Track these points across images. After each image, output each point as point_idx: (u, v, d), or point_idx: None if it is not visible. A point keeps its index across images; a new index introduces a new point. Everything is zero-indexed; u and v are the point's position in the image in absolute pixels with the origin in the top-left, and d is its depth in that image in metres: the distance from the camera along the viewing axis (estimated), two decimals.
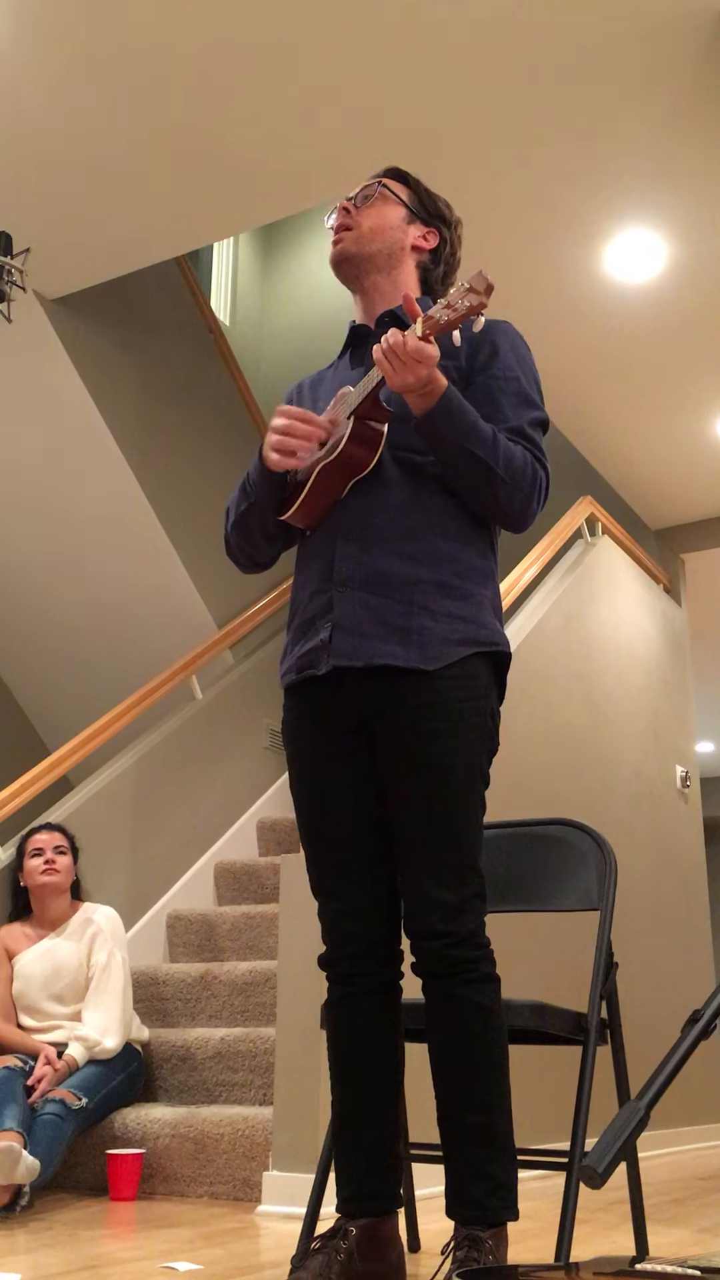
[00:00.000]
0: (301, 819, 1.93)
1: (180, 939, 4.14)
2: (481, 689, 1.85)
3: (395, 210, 2.04)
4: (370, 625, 1.83)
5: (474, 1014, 1.76)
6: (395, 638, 1.82)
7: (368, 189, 2.06)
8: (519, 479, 1.84)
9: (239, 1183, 2.93)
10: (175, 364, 5.18)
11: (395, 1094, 1.88)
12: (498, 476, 1.83)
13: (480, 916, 1.79)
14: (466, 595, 1.87)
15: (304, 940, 2.94)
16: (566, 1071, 3.67)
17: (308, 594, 1.93)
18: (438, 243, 2.07)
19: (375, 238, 2.02)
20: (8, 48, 3.29)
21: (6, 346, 4.33)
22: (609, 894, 2.18)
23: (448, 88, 3.43)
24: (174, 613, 4.95)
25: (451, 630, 1.84)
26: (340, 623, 1.84)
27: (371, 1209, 1.81)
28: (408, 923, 1.81)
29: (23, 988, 3.29)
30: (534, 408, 1.92)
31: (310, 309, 6.97)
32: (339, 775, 1.88)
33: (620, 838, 4.73)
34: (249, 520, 2.00)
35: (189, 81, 3.42)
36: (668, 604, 5.77)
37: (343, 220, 2.03)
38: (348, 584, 1.86)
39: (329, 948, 1.89)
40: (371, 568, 1.85)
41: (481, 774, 1.84)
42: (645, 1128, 1.20)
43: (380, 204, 2.04)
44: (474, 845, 1.81)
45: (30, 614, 5.14)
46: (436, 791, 1.79)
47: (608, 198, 3.86)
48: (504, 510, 1.87)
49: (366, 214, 2.03)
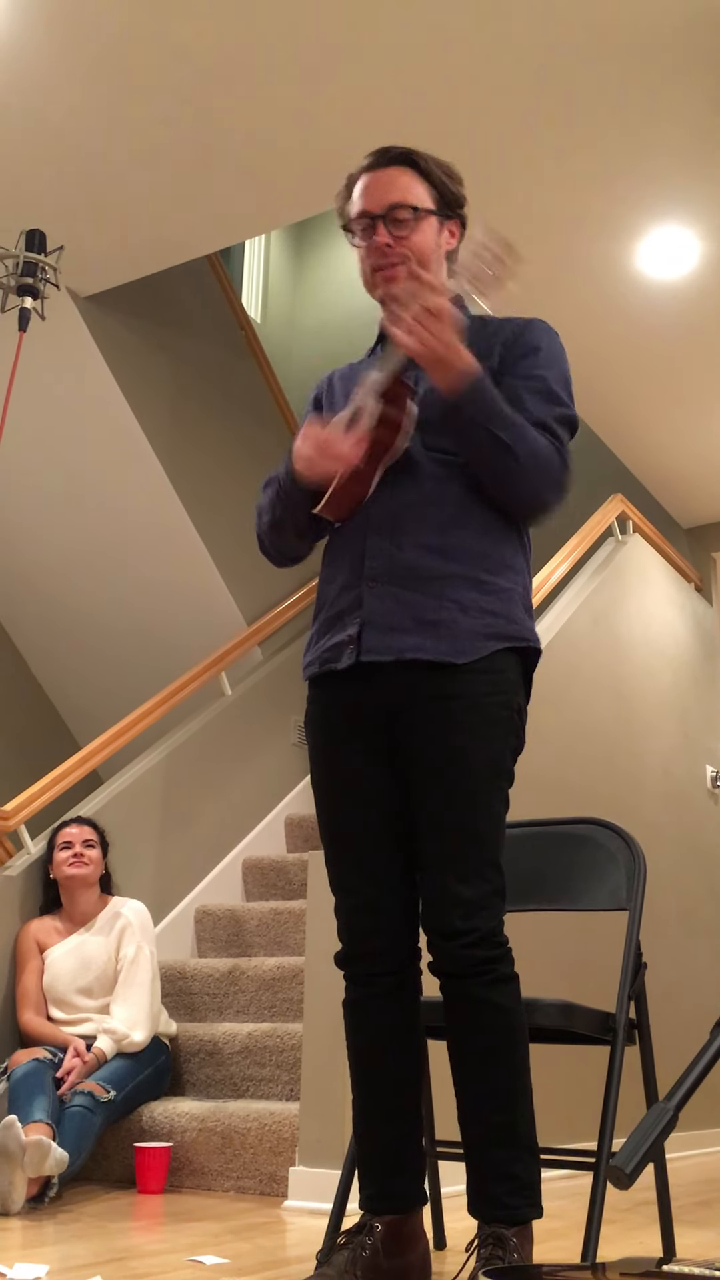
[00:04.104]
0: (321, 812, 1.91)
1: (208, 934, 4.15)
2: (509, 685, 1.83)
3: (430, 226, 1.94)
4: (400, 619, 1.81)
5: (493, 1015, 1.74)
6: (425, 631, 1.80)
7: (399, 213, 1.91)
8: (539, 467, 1.81)
9: (265, 1177, 2.94)
10: (207, 361, 5.19)
11: (417, 1093, 1.86)
12: (518, 460, 1.79)
13: (499, 915, 1.77)
14: (497, 590, 1.85)
15: (331, 936, 2.92)
16: (595, 1071, 3.66)
17: (336, 588, 1.91)
18: (459, 233, 2.00)
19: (423, 263, 1.91)
20: (38, 44, 3.31)
21: (40, 344, 4.36)
22: (638, 894, 2.17)
23: (481, 85, 3.42)
24: (203, 609, 4.97)
25: (482, 624, 1.82)
26: (370, 619, 1.83)
27: (395, 1207, 1.81)
28: (425, 919, 1.79)
29: (52, 981, 3.32)
30: (559, 404, 1.89)
31: (340, 306, 6.97)
32: (360, 769, 1.86)
33: (649, 837, 4.70)
34: (282, 519, 1.98)
35: (221, 78, 3.42)
36: (699, 603, 5.73)
37: (390, 260, 1.90)
38: (378, 579, 1.84)
39: (346, 945, 1.88)
40: (402, 563, 1.83)
41: (505, 770, 1.83)
42: (674, 1129, 1.19)
43: (416, 225, 1.92)
44: (495, 841, 1.79)
45: (61, 610, 5.17)
46: (459, 786, 1.77)
47: (641, 195, 3.84)
48: (520, 499, 1.85)
49: (409, 243, 1.91)
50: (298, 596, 5.14)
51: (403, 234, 1.91)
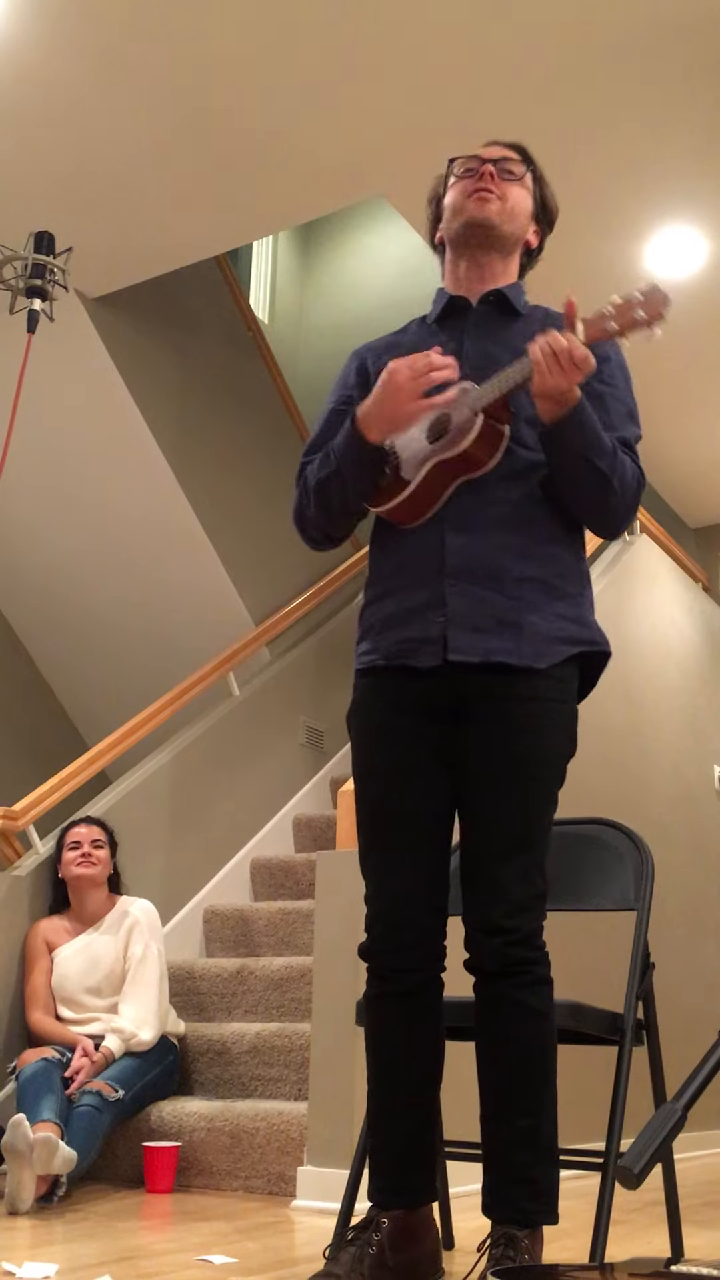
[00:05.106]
0: (367, 799, 1.87)
1: (216, 934, 4.16)
2: (572, 692, 1.86)
3: (528, 200, 2.00)
4: (483, 620, 1.80)
5: (528, 1017, 1.74)
6: (507, 632, 1.79)
7: (511, 165, 1.98)
8: (627, 492, 1.84)
9: (274, 1177, 2.94)
10: (215, 362, 5.20)
11: (434, 1090, 1.86)
12: (612, 489, 1.82)
13: (541, 919, 1.77)
14: (568, 595, 1.86)
15: (339, 936, 2.94)
16: (603, 1072, 3.66)
17: (409, 580, 1.86)
18: (539, 242, 2.06)
19: (514, 219, 1.97)
20: (45, 46, 3.32)
21: (49, 346, 4.36)
22: (646, 894, 2.17)
23: (490, 86, 3.42)
24: (211, 610, 4.97)
25: (559, 629, 1.83)
26: (456, 618, 1.80)
27: (406, 1200, 1.81)
28: (469, 915, 1.78)
29: (61, 981, 3.32)
30: (637, 425, 1.92)
31: (348, 307, 6.97)
32: (417, 762, 1.84)
33: (657, 838, 4.69)
34: (330, 493, 1.92)
35: (228, 80, 3.43)
36: (706, 603, 5.72)
37: (489, 186, 1.94)
38: (460, 578, 1.82)
39: (378, 936, 1.84)
40: (483, 562, 1.82)
41: (560, 775, 1.84)
42: (682, 1129, 1.19)
43: (520, 188, 1.98)
44: (544, 846, 1.80)
45: (69, 611, 5.18)
46: (517, 787, 1.78)
47: (649, 194, 3.84)
48: (607, 520, 1.87)
49: (510, 190, 1.96)
50: (306, 596, 5.14)
51: (507, 180, 1.96)
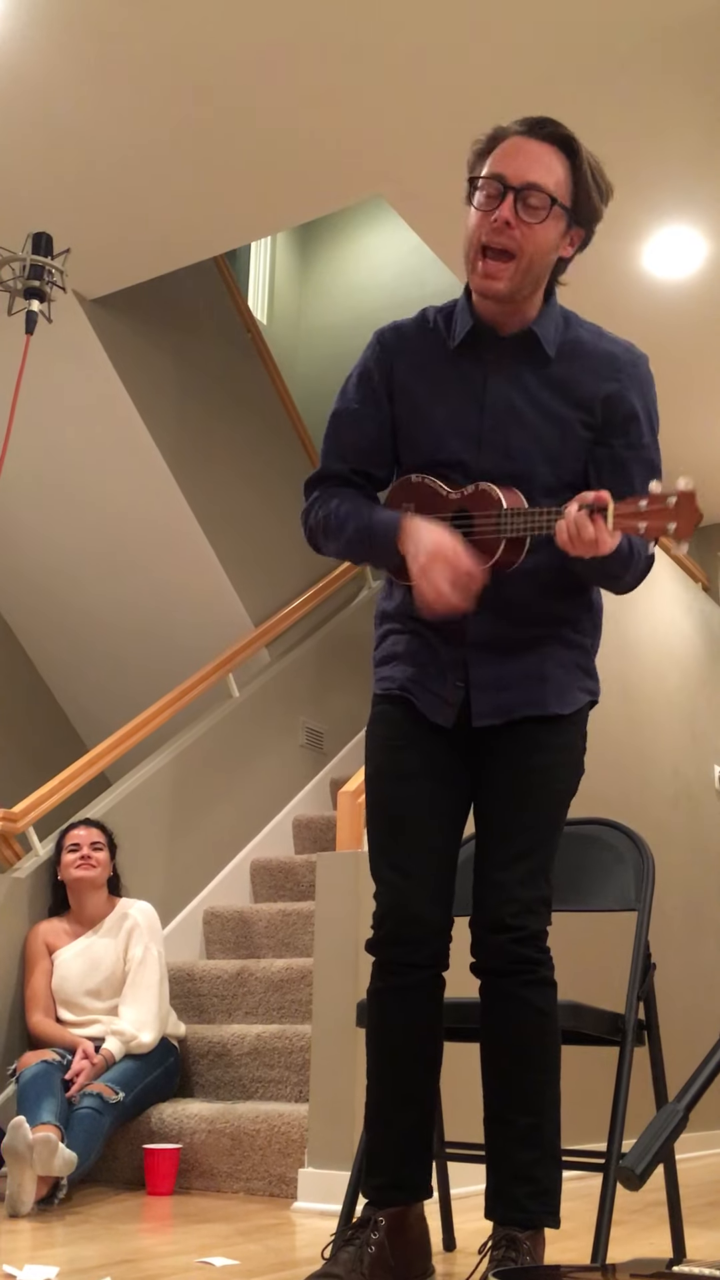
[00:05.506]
0: (383, 796, 1.91)
1: (216, 936, 4.15)
2: (584, 730, 1.97)
3: (558, 228, 1.83)
4: (507, 679, 1.88)
5: (532, 1016, 1.78)
6: (532, 685, 1.88)
7: (537, 201, 1.78)
8: (638, 574, 1.90)
9: (274, 1179, 2.94)
10: (213, 363, 5.19)
11: (433, 1087, 1.88)
12: (624, 582, 1.90)
13: (546, 922, 1.82)
14: (581, 645, 1.95)
15: (340, 937, 2.94)
16: (604, 1072, 3.65)
17: (431, 640, 1.90)
18: (578, 244, 1.89)
19: (530, 272, 1.82)
20: (43, 47, 3.31)
21: (47, 347, 4.36)
22: (647, 895, 2.17)
23: (488, 86, 3.42)
24: (211, 611, 4.97)
25: (574, 679, 1.93)
26: (479, 683, 1.88)
27: (404, 1197, 1.82)
28: (477, 914, 1.83)
29: (61, 983, 3.32)
30: (658, 474, 1.91)
31: (347, 308, 6.97)
32: (428, 761, 1.90)
33: (657, 837, 4.68)
34: (355, 557, 1.97)
35: (226, 81, 3.43)
36: (705, 602, 5.72)
37: (506, 239, 1.78)
38: (482, 649, 1.88)
39: (388, 929, 1.85)
40: (505, 634, 1.88)
41: (573, 791, 1.94)
42: (684, 1130, 1.19)
43: (543, 227, 1.80)
44: (552, 857, 1.87)
45: (68, 612, 5.17)
46: (534, 796, 1.86)
47: (647, 194, 3.83)
48: (615, 590, 1.94)
49: (531, 235, 1.79)
50: (305, 597, 5.14)
51: (529, 220, 1.78)
